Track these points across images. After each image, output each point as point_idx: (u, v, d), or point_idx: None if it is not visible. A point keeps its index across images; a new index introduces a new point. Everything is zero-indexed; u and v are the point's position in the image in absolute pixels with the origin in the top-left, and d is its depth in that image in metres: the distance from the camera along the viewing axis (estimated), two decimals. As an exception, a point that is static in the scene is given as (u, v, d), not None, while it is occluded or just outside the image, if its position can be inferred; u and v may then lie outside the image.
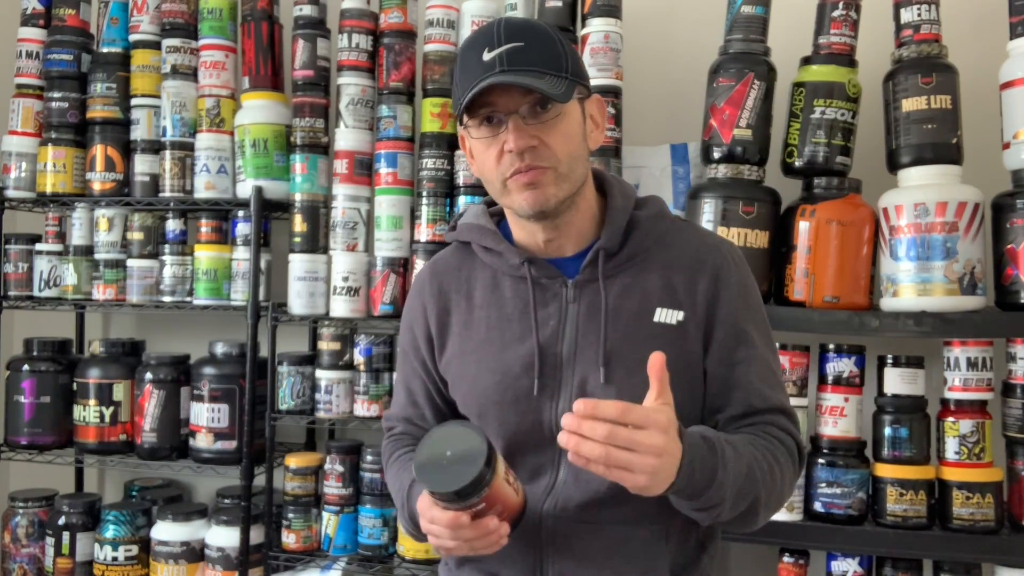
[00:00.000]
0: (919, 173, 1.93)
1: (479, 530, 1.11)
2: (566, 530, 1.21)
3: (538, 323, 1.25)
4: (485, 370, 1.27)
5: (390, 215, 2.26)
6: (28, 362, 2.48)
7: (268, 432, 2.28)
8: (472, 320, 1.30)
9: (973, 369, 1.91)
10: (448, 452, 1.09)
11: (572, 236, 1.28)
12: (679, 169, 2.24)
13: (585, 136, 1.24)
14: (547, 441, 1.23)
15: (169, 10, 2.44)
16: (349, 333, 2.29)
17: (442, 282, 1.35)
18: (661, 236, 1.28)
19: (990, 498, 1.87)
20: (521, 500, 1.17)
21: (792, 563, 1.98)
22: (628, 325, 1.23)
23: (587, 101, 1.25)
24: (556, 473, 1.23)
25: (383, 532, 2.23)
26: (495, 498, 1.10)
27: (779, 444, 1.22)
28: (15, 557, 2.49)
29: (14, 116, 2.57)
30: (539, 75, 1.15)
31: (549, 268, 1.27)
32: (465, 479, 1.06)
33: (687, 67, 2.25)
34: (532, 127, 1.17)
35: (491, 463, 1.07)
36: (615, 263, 1.26)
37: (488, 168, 1.21)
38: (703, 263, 1.26)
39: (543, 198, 1.19)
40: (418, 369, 1.37)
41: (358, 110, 2.29)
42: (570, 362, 1.23)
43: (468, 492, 1.07)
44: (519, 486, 1.17)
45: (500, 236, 1.30)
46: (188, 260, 2.43)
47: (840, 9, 2.02)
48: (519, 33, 1.17)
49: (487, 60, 1.15)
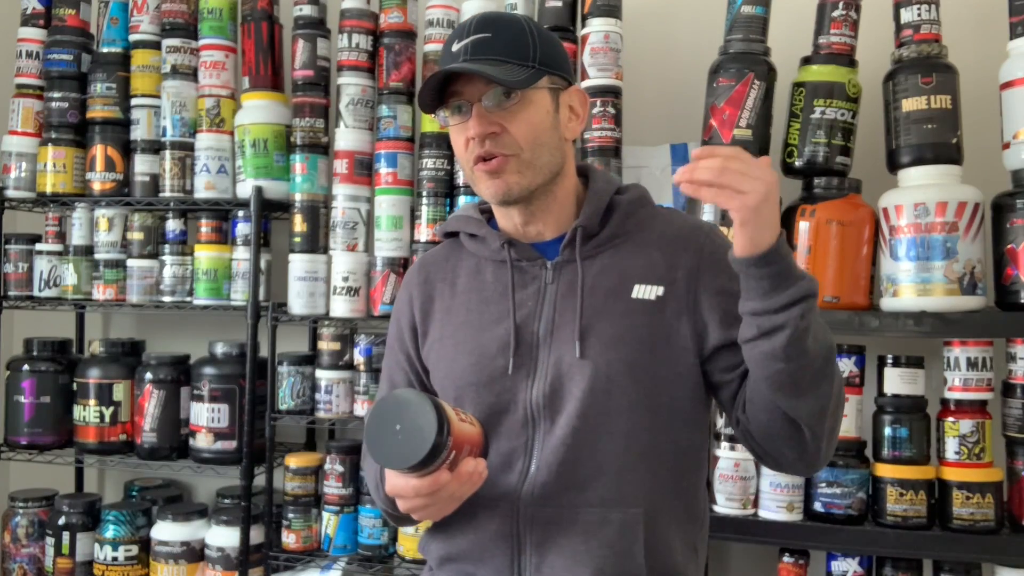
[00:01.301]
0: (919, 173, 1.93)
1: (461, 478, 1.11)
2: (543, 516, 1.21)
3: (516, 304, 1.26)
4: (462, 352, 1.28)
5: (390, 215, 2.26)
6: (28, 362, 2.48)
7: (268, 432, 2.28)
8: (454, 305, 1.32)
9: (973, 369, 1.91)
10: (397, 426, 1.08)
11: (551, 222, 1.29)
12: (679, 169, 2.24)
13: (557, 125, 1.25)
14: (521, 423, 1.23)
15: (169, 10, 2.44)
16: (349, 333, 2.29)
17: (429, 273, 1.37)
18: (642, 219, 1.30)
19: (990, 498, 1.87)
20: (479, 429, 1.17)
21: (792, 563, 1.98)
22: (605, 302, 1.24)
23: (565, 92, 1.27)
24: (530, 459, 1.23)
25: (383, 532, 2.23)
26: (460, 441, 1.10)
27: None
28: (15, 557, 2.49)
29: (14, 116, 2.57)
30: (499, 63, 1.18)
31: (529, 251, 1.29)
32: (428, 439, 1.06)
33: (687, 67, 2.25)
34: (494, 114, 1.20)
35: (441, 413, 1.07)
36: (594, 244, 1.27)
37: (460, 154, 1.26)
38: (685, 240, 1.27)
39: (505, 187, 1.22)
40: (402, 362, 1.38)
41: (358, 110, 2.29)
42: (546, 341, 1.24)
43: (435, 453, 1.07)
44: (471, 417, 1.17)
45: (483, 223, 1.33)
46: (188, 260, 2.43)
47: (840, 9, 2.02)
48: (488, 25, 1.21)
49: (455, 51, 1.21)
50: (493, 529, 1.22)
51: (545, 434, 1.22)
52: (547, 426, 1.22)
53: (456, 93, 1.22)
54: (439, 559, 1.30)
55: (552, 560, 1.20)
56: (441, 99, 1.24)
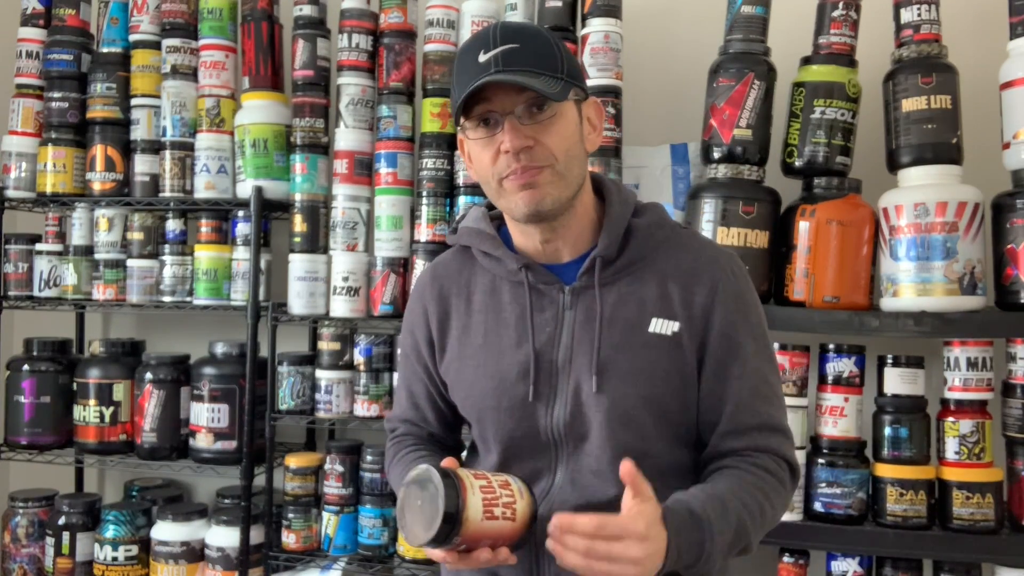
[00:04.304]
0: (919, 173, 1.93)
1: (472, 563, 1.11)
2: None
3: (535, 329, 1.25)
4: (482, 375, 1.27)
5: (390, 215, 2.26)
6: (28, 362, 2.48)
7: (268, 432, 2.28)
8: (471, 324, 1.31)
9: (973, 369, 1.91)
10: (419, 502, 1.08)
11: (569, 240, 1.27)
12: (679, 169, 2.24)
13: (582, 138, 1.24)
14: (543, 446, 1.24)
15: (169, 10, 2.44)
16: (349, 333, 2.29)
17: (443, 285, 1.35)
18: (659, 244, 1.28)
19: (990, 498, 1.87)
20: (520, 524, 1.14)
21: (792, 563, 1.98)
22: (623, 334, 1.23)
23: (584, 104, 1.25)
24: (553, 478, 1.24)
25: (383, 532, 2.23)
26: (475, 539, 1.09)
27: (768, 476, 1.21)
28: (15, 557, 2.49)
29: (14, 116, 2.57)
30: (534, 75, 1.15)
31: (547, 274, 1.27)
32: (428, 536, 1.06)
33: (687, 67, 2.25)
34: (528, 127, 1.17)
35: (454, 516, 1.06)
36: (612, 271, 1.26)
37: (484, 169, 1.21)
38: (701, 274, 1.26)
39: (539, 197, 1.19)
40: (419, 372, 1.37)
41: (358, 110, 2.29)
42: (565, 368, 1.24)
43: (436, 544, 1.07)
44: (520, 507, 1.14)
45: (499, 241, 1.30)
46: (188, 260, 2.43)
47: (840, 9, 2.02)
48: (515, 35, 1.18)
49: (483, 61, 1.16)
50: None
51: (568, 456, 1.23)
52: (569, 449, 1.23)
53: (483, 104, 1.18)
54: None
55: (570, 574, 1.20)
56: (464, 112, 1.19)
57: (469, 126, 1.21)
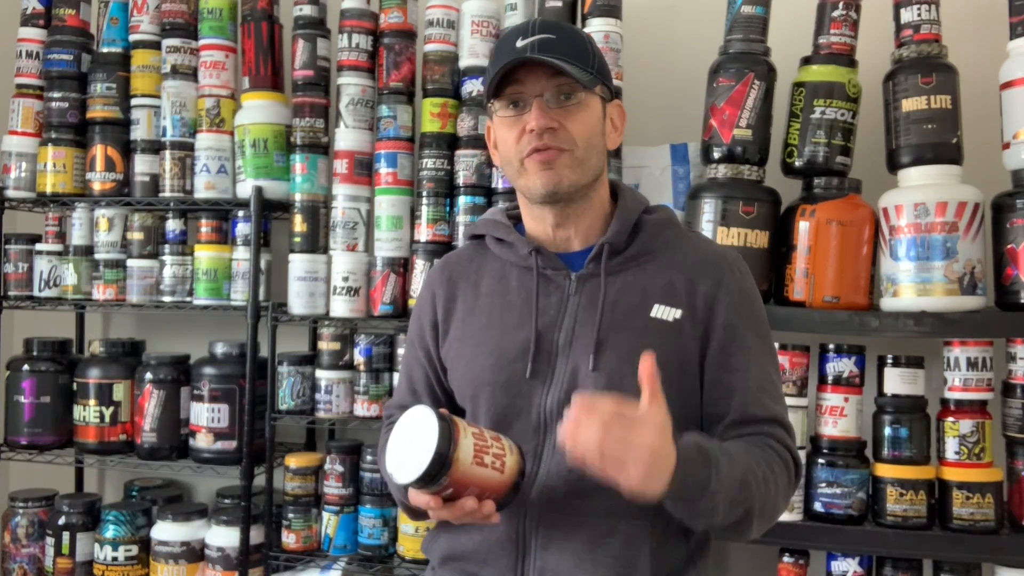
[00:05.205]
0: (919, 173, 1.93)
1: (456, 512, 1.12)
2: (549, 521, 1.22)
3: (538, 311, 1.29)
4: (482, 352, 1.30)
5: (390, 215, 2.26)
6: (28, 362, 2.48)
7: (268, 432, 2.28)
8: (476, 307, 1.34)
9: (973, 369, 1.91)
10: (410, 440, 1.10)
11: (581, 229, 1.32)
12: (679, 169, 2.24)
13: (604, 132, 1.31)
14: (533, 428, 1.25)
15: (169, 10, 2.44)
16: (349, 333, 2.29)
17: (452, 271, 1.40)
18: (667, 240, 1.32)
19: (990, 498, 1.87)
20: (508, 478, 1.15)
21: (792, 563, 1.98)
22: (624, 317, 1.26)
23: (609, 104, 1.32)
24: (540, 463, 1.24)
25: (383, 532, 2.23)
26: (462, 483, 1.10)
27: (776, 456, 1.22)
28: (15, 557, 2.49)
29: (14, 116, 2.57)
30: (567, 63, 1.22)
31: (555, 260, 1.31)
32: (418, 471, 1.07)
33: (687, 67, 2.25)
34: (554, 111, 1.24)
35: (445, 455, 1.07)
36: (619, 261, 1.29)
37: (508, 149, 1.27)
38: (707, 267, 1.29)
39: (557, 178, 1.24)
40: (420, 358, 1.40)
41: (358, 110, 2.29)
42: (565, 351, 1.26)
43: (424, 482, 1.08)
44: (510, 461, 1.15)
45: (512, 228, 1.35)
46: (188, 260, 2.43)
47: (840, 9, 2.02)
48: (552, 28, 1.25)
49: (519, 46, 1.23)
50: (500, 531, 1.22)
51: (556, 441, 1.22)
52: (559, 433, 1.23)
53: (514, 86, 1.24)
54: (442, 558, 1.30)
55: (556, 566, 1.20)
56: (495, 92, 1.26)
57: (499, 106, 1.27)
